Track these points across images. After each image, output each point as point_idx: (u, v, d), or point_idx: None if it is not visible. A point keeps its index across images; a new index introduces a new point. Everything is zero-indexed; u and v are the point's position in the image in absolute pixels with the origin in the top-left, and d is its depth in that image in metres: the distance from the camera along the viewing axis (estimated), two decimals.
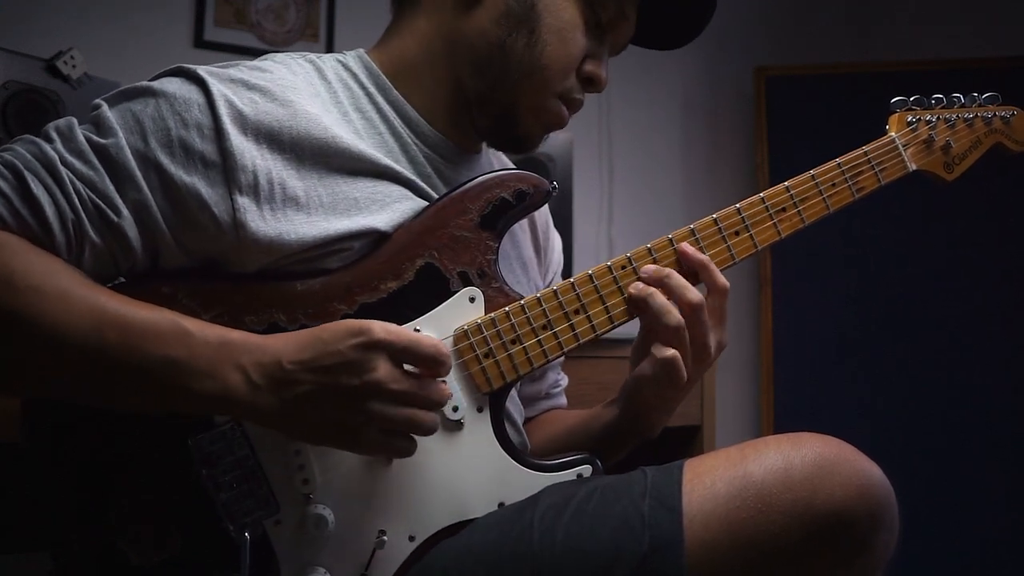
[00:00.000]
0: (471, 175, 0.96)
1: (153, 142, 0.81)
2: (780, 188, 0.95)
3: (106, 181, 0.80)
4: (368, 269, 0.87)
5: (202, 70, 0.85)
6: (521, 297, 0.90)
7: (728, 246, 0.93)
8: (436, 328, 0.87)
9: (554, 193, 0.92)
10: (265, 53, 0.95)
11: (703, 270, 0.90)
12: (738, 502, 0.75)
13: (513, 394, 1.04)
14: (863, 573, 0.75)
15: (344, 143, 0.87)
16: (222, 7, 2.21)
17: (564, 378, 1.21)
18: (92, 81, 1.41)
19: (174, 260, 0.84)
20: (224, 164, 0.82)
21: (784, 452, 0.76)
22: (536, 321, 0.89)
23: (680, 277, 0.89)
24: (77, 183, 0.79)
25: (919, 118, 1.03)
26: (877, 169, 0.99)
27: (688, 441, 1.71)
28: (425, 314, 0.87)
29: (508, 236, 0.97)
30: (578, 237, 1.99)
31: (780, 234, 0.95)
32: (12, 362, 0.77)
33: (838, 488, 0.73)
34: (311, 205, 0.85)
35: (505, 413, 0.93)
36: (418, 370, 0.79)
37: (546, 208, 1.15)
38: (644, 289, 0.89)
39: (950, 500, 2.46)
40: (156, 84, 0.84)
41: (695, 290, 0.89)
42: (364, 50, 0.98)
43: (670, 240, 0.92)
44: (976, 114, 1.06)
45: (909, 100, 1.04)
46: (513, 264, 1.04)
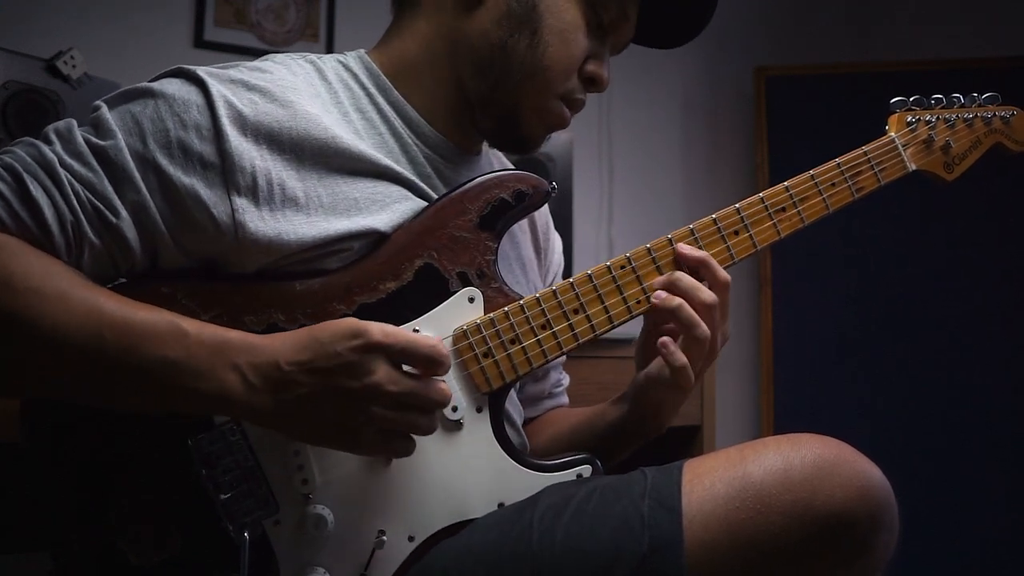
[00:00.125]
0: (471, 175, 0.96)
1: (152, 143, 0.81)
2: (780, 188, 0.95)
3: (104, 183, 0.80)
4: (367, 269, 0.87)
5: (202, 71, 0.85)
6: (520, 297, 0.90)
7: (728, 246, 0.93)
8: (435, 328, 0.87)
9: (553, 194, 0.92)
10: (265, 53, 0.95)
11: (703, 267, 0.90)
12: (737, 503, 0.75)
13: (512, 395, 1.04)
14: (863, 574, 0.75)
15: (344, 143, 0.87)
16: (222, 7, 2.21)
17: (566, 377, 1.21)
18: (92, 81, 1.40)
19: (173, 261, 0.84)
20: (223, 165, 0.82)
21: (784, 453, 0.76)
22: (535, 321, 0.89)
23: (690, 278, 0.89)
24: (76, 185, 0.79)
25: (919, 118, 1.03)
26: (877, 169, 0.99)
27: (688, 441, 1.71)
28: (424, 314, 0.87)
29: (508, 236, 0.97)
30: (578, 237, 1.99)
31: (780, 234, 0.95)
32: (12, 363, 0.77)
33: (838, 489, 0.73)
34: (311, 206, 0.85)
35: (504, 414, 0.93)
36: (417, 371, 0.79)
37: (546, 208, 1.15)
38: (670, 299, 0.88)
39: (950, 500, 2.46)
40: (155, 85, 0.84)
41: (707, 291, 0.89)
42: (364, 51, 0.98)
43: (669, 240, 0.92)
44: (976, 114, 1.05)
45: (909, 100, 1.04)
46: (512, 264, 1.03)
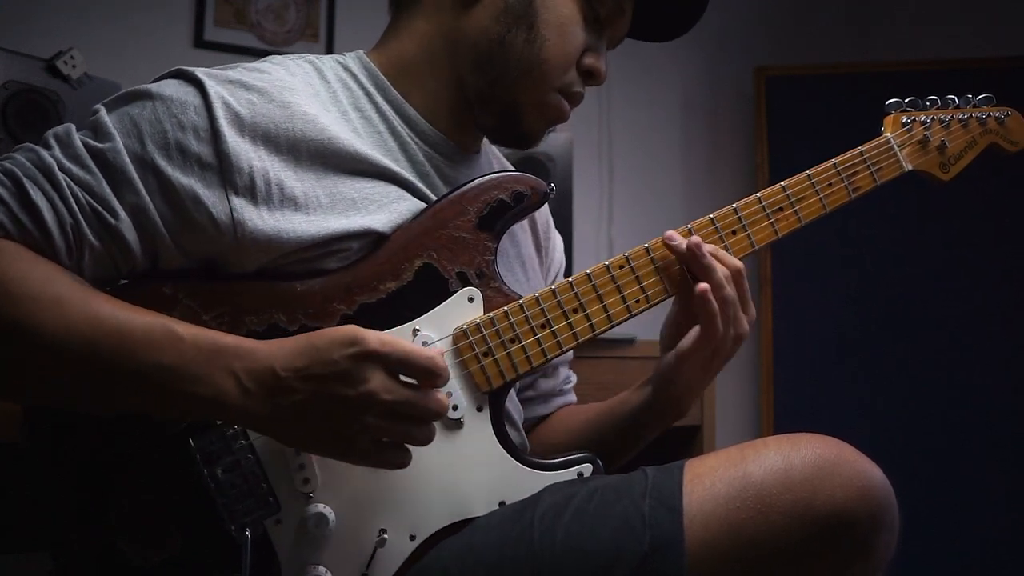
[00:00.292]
0: (471, 174, 0.97)
1: (150, 145, 0.81)
2: (776, 188, 0.96)
3: (103, 185, 0.80)
4: (367, 270, 0.87)
5: (200, 72, 0.85)
6: (520, 297, 0.90)
7: (725, 245, 0.94)
8: (435, 328, 0.87)
9: (551, 195, 0.93)
10: (265, 53, 0.95)
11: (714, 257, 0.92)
12: (738, 503, 0.75)
13: (512, 394, 1.04)
14: (864, 574, 0.75)
15: (342, 143, 0.88)
16: (222, 7, 2.21)
17: (573, 375, 1.21)
18: (92, 81, 1.40)
19: (173, 261, 0.84)
20: (220, 166, 0.82)
21: (784, 453, 0.76)
22: (535, 320, 0.89)
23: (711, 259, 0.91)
24: (75, 188, 0.79)
25: (914, 119, 1.04)
26: (873, 169, 1.00)
27: (688, 441, 1.71)
28: (424, 314, 0.87)
29: (508, 236, 0.98)
30: (578, 237, 1.99)
31: (777, 233, 0.95)
32: (10, 368, 0.77)
33: (838, 489, 0.73)
34: (309, 205, 0.85)
35: (505, 413, 0.93)
36: (414, 381, 0.78)
37: (546, 208, 1.15)
38: (706, 290, 0.89)
39: (950, 500, 2.46)
40: (153, 87, 0.85)
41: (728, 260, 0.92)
42: (363, 51, 0.99)
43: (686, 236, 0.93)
44: (971, 115, 1.06)
45: (904, 102, 1.04)
46: (513, 263, 1.04)
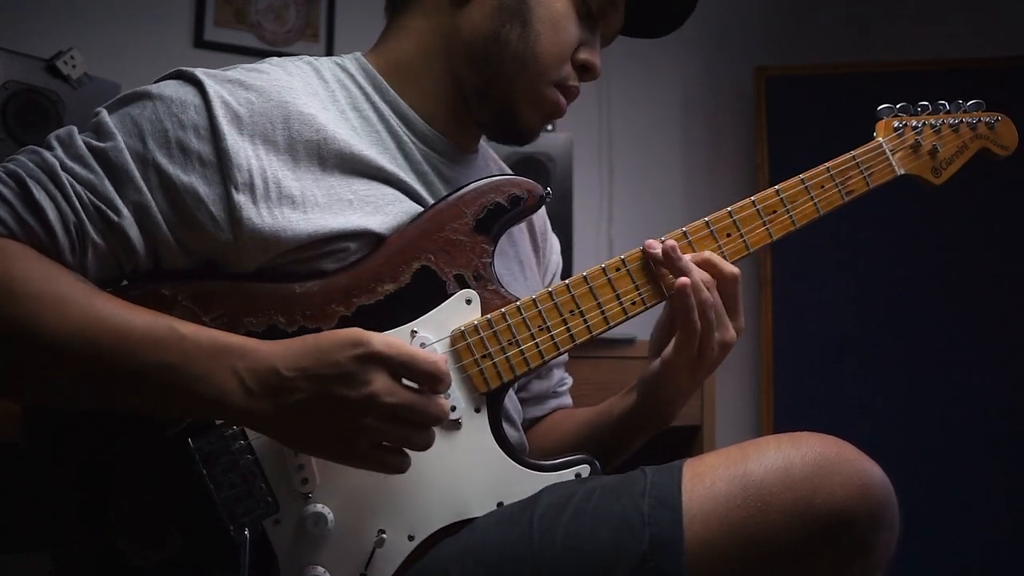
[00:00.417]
0: (468, 174, 0.98)
1: (151, 143, 0.82)
2: (771, 191, 0.97)
3: (106, 183, 0.81)
4: (365, 272, 0.88)
5: (200, 72, 0.86)
6: (517, 299, 0.90)
7: (720, 248, 0.94)
8: (433, 330, 0.88)
9: (548, 199, 0.94)
10: (265, 53, 0.96)
11: (707, 265, 0.92)
12: (738, 501, 0.75)
13: (512, 394, 1.04)
14: (864, 573, 0.75)
15: (339, 142, 0.88)
16: (222, 7, 2.21)
17: (569, 377, 1.21)
18: (92, 81, 1.40)
19: (175, 261, 0.85)
20: (220, 163, 0.83)
21: (784, 451, 0.76)
22: (532, 322, 0.89)
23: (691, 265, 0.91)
24: (77, 187, 0.80)
25: (905, 124, 1.05)
26: (866, 173, 1.01)
27: (688, 441, 1.71)
28: (422, 316, 0.88)
29: (506, 237, 0.98)
30: (578, 237, 1.99)
31: (772, 236, 0.96)
32: (11, 367, 0.77)
33: (839, 487, 0.73)
34: (307, 203, 0.86)
35: (504, 413, 0.94)
36: (417, 386, 0.79)
37: (543, 210, 1.15)
38: (684, 282, 0.89)
39: (950, 500, 2.45)
40: (154, 88, 0.86)
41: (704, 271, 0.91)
42: (360, 53, 1.00)
43: (662, 243, 0.93)
44: (961, 120, 1.07)
45: (895, 107, 1.06)
46: (511, 264, 1.04)
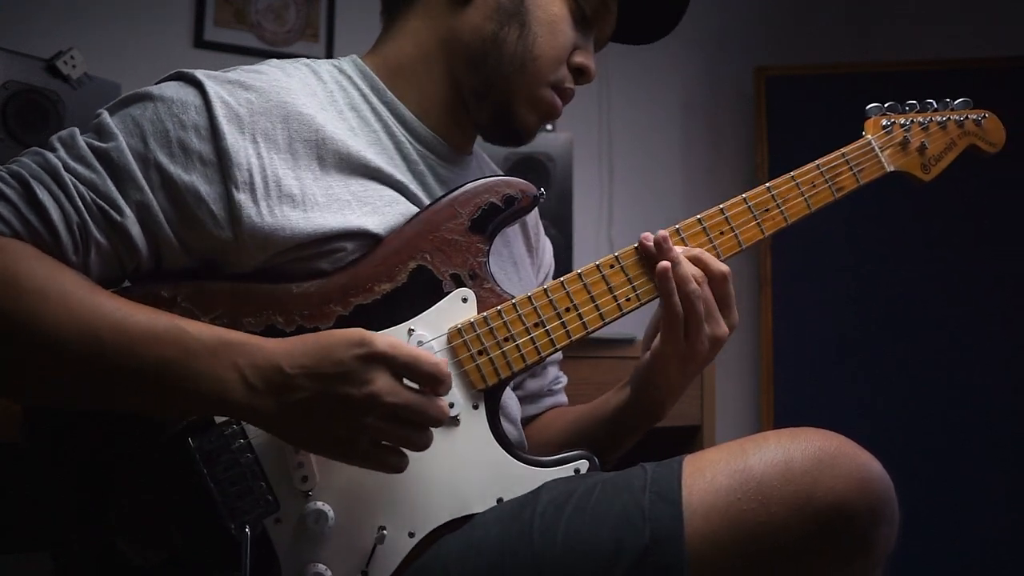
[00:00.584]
0: (463, 175, 0.99)
1: (152, 143, 0.83)
2: (762, 189, 0.99)
3: (108, 183, 0.82)
4: (362, 272, 0.88)
5: (200, 73, 0.87)
6: (512, 297, 0.91)
7: (714, 245, 0.96)
8: (430, 328, 0.88)
9: (542, 199, 0.95)
10: (265, 53, 0.97)
11: (697, 262, 0.92)
12: (739, 495, 0.75)
13: (511, 392, 1.04)
14: (863, 569, 0.75)
15: (337, 143, 0.90)
16: (222, 7, 2.21)
17: (564, 376, 1.22)
18: (92, 81, 1.41)
19: (177, 260, 0.86)
20: (220, 162, 0.84)
21: (785, 446, 0.77)
22: (528, 319, 0.90)
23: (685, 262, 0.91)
24: (80, 186, 0.81)
25: (893, 122, 1.07)
26: (855, 170, 1.02)
27: (688, 441, 1.71)
28: (419, 315, 0.88)
29: (500, 237, 1.00)
30: (578, 237, 1.99)
31: (764, 232, 0.98)
32: (13, 363, 0.77)
33: (839, 481, 0.74)
34: (307, 202, 0.87)
35: (503, 411, 0.94)
36: (417, 386, 0.79)
37: (536, 211, 1.17)
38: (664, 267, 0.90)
39: (950, 500, 2.45)
40: (154, 89, 0.87)
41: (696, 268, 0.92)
42: (357, 56, 1.01)
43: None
44: (949, 117, 1.09)
45: (883, 106, 1.07)
46: (506, 264, 1.05)
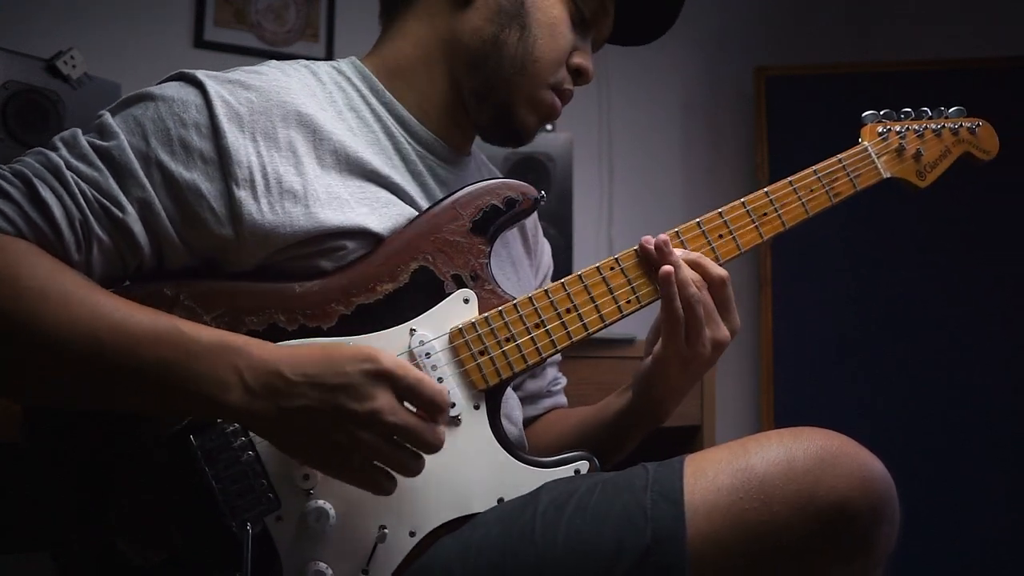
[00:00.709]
0: (462, 175, 1.00)
1: (154, 142, 0.84)
2: (760, 194, 0.99)
3: (110, 181, 0.82)
4: (363, 272, 0.89)
5: (200, 73, 0.88)
6: (513, 298, 0.91)
7: (713, 248, 0.96)
8: (432, 328, 0.88)
9: (542, 201, 0.95)
10: (265, 53, 0.98)
11: (696, 267, 0.93)
12: (741, 494, 0.75)
13: (512, 393, 1.04)
14: (864, 567, 0.75)
15: (335, 143, 0.90)
16: (222, 7, 2.21)
17: (563, 377, 1.22)
18: (92, 81, 1.41)
19: (179, 259, 0.86)
20: (221, 160, 0.85)
21: (786, 445, 0.77)
22: (529, 320, 0.91)
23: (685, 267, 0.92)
24: (82, 184, 0.82)
25: (889, 129, 1.08)
26: (852, 176, 1.03)
27: (688, 441, 1.72)
28: (421, 315, 0.89)
29: (500, 239, 0.99)
30: (578, 237, 1.99)
31: (762, 236, 0.99)
32: (13, 363, 0.77)
33: (840, 480, 0.74)
34: (309, 198, 0.87)
35: (504, 411, 0.94)
36: (416, 411, 0.78)
37: (535, 213, 1.17)
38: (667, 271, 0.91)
39: (950, 500, 2.45)
40: (156, 89, 0.88)
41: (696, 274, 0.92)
42: (356, 58, 1.02)
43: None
44: (943, 125, 1.10)
45: (879, 113, 1.09)
46: (505, 265, 1.06)
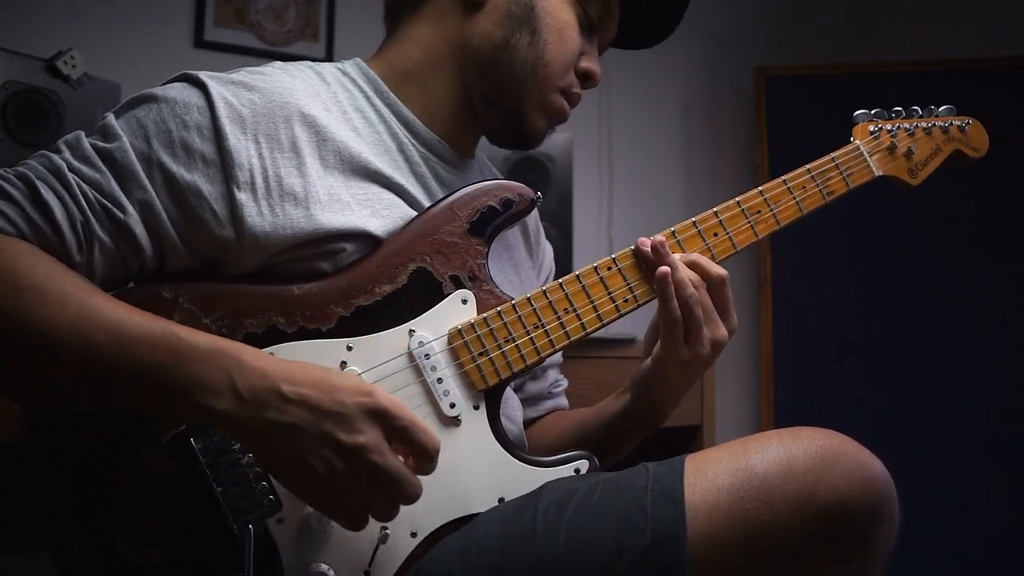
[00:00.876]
0: (466, 178, 1.00)
1: (156, 143, 0.84)
2: (755, 192, 1.00)
3: (111, 182, 0.83)
4: (362, 273, 0.89)
5: (204, 75, 0.88)
6: (512, 299, 0.91)
7: (709, 247, 0.97)
8: (430, 328, 0.89)
9: (539, 202, 0.95)
10: (265, 53, 0.97)
11: (695, 267, 0.93)
12: (741, 493, 0.75)
13: (512, 393, 1.04)
14: (864, 567, 0.75)
15: (339, 144, 0.90)
16: (222, 7, 2.21)
17: (564, 379, 1.22)
18: (92, 81, 1.40)
19: (180, 260, 0.86)
20: (223, 163, 0.85)
21: (786, 444, 0.77)
22: (527, 320, 0.91)
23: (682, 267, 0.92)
24: (84, 186, 0.82)
25: (880, 127, 1.08)
26: (845, 174, 1.04)
27: (688, 441, 1.72)
28: (419, 316, 0.89)
29: (501, 241, 1.00)
30: (578, 237, 1.99)
31: (757, 235, 0.99)
32: (11, 363, 0.77)
33: (840, 480, 0.74)
34: (310, 200, 0.87)
35: (505, 411, 0.94)
36: (403, 455, 0.77)
37: (536, 215, 1.18)
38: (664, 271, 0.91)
39: (950, 500, 2.45)
40: (159, 91, 0.88)
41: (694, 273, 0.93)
42: (361, 59, 1.02)
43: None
44: (933, 123, 1.11)
45: (870, 112, 1.09)
46: (506, 267, 1.05)
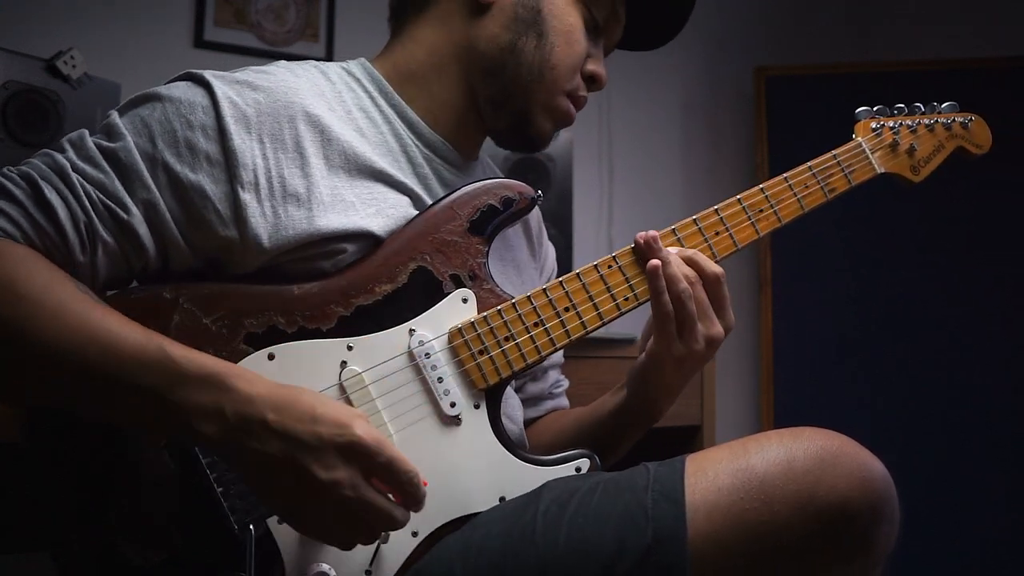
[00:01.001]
0: (469, 179, 0.99)
1: (160, 143, 0.84)
2: (756, 190, 1.00)
3: (115, 182, 0.82)
4: (362, 272, 0.89)
5: (208, 74, 0.88)
6: (512, 297, 0.91)
7: (710, 245, 0.97)
8: (431, 328, 0.89)
9: (539, 201, 0.95)
10: (265, 53, 0.97)
11: (691, 263, 0.93)
12: (741, 494, 0.75)
13: (513, 392, 1.04)
14: (864, 567, 0.75)
15: (343, 144, 0.90)
16: (222, 7, 2.21)
17: (565, 380, 1.22)
18: (92, 81, 1.40)
19: (184, 260, 0.86)
20: (227, 162, 0.85)
21: (787, 445, 0.77)
22: (527, 318, 0.91)
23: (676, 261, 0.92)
24: (87, 186, 0.82)
25: (882, 124, 1.08)
26: (847, 171, 1.04)
27: (688, 441, 1.71)
28: (420, 315, 0.89)
29: (502, 240, 1.00)
30: (578, 237, 1.99)
31: (759, 233, 0.99)
32: (9, 368, 0.77)
33: (840, 480, 0.74)
34: (312, 201, 0.87)
35: (505, 410, 0.94)
36: (388, 490, 0.76)
37: (539, 215, 1.18)
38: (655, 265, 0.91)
39: (950, 500, 2.46)
40: (163, 90, 0.87)
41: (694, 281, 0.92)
42: (366, 59, 1.01)
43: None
44: (936, 120, 1.10)
45: (872, 109, 1.09)
46: (507, 267, 1.05)
